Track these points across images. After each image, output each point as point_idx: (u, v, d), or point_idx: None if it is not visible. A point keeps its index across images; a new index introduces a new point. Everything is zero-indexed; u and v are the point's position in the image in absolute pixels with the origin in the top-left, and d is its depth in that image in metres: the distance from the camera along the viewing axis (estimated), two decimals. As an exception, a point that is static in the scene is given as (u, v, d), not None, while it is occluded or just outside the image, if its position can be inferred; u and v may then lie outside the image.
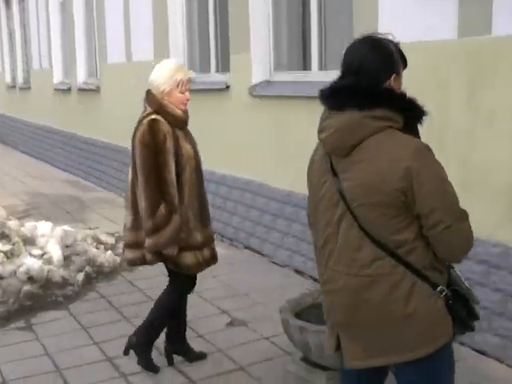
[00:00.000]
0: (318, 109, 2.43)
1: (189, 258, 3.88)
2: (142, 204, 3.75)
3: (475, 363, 4.05)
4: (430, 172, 2.25)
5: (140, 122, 3.83)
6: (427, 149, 2.27)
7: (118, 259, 6.31)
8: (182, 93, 3.87)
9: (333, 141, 2.31)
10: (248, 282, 5.54)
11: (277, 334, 4.37)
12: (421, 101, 3.74)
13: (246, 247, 6.59)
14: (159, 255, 3.82)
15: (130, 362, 4.14)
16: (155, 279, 5.78)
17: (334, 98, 2.33)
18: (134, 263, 4.07)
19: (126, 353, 4.08)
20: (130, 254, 3.96)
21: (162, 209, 3.71)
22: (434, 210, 2.22)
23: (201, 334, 4.59)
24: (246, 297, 5.23)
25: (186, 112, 3.96)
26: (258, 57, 6.39)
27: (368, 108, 2.23)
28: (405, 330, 2.32)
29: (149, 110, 3.85)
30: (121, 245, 6.87)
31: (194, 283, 4.09)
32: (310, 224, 2.65)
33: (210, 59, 7.57)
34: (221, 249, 6.59)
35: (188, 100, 3.92)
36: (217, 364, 4.18)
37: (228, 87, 6.77)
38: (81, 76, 11.50)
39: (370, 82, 2.27)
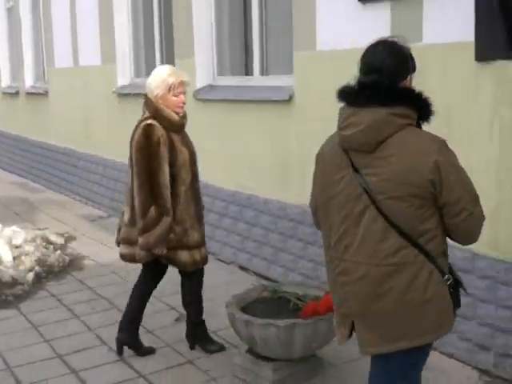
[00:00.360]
0: (259, 112, 2.45)
1: (184, 256, 3.93)
2: (136, 205, 3.77)
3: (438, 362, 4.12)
4: (453, 164, 2.34)
5: (137, 125, 3.84)
6: (446, 143, 2.37)
7: (67, 259, 6.22)
8: (176, 96, 3.85)
9: (361, 136, 2.34)
10: None
11: (223, 328, 4.37)
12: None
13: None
14: (151, 253, 3.84)
15: (81, 359, 4.10)
16: (105, 277, 5.73)
17: (358, 95, 2.37)
18: (125, 259, 4.05)
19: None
20: (123, 250, 3.99)
21: (153, 211, 3.73)
22: (460, 198, 2.31)
23: (150, 330, 4.54)
24: (193, 293, 5.20)
25: (183, 116, 3.97)
26: (201, 62, 6.38)
27: (391, 106, 2.30)
28: (421, 317, 2.37)
29: (147, 114, 3.86)
30: (71, 244, 6.80)
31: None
32: (316, 220, 2.71)
33: (156, 64, 7.51)
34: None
35: (184, 103, 3.91)
36: (165, 358, 4.16)
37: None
38: (28, 80, 11.27)
39: (391, 81, 2.34)
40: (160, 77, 3.85)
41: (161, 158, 3.75)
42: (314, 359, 3.84)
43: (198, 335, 4.20)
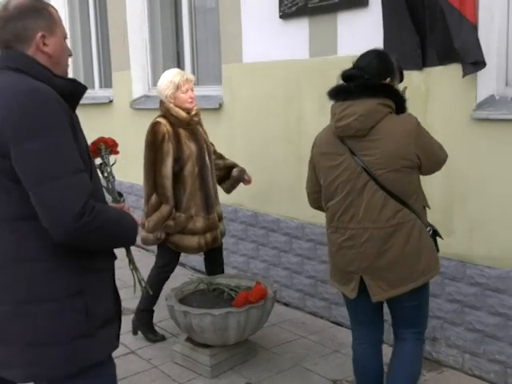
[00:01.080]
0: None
1: (187, 240, 3.98)
2: (144, 193, 3.99)
3: (334, 333, 4.22)
4: (425, 134, 2.68)
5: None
6: (417, 119, 2.68)
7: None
8: (184, 93, 3.91)
9: (357, 124, 2.59)
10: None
11: (164, 319, 4.35)
12: (283, 111, 3.86)
13: (137, 245, 6.48)
14: (157, 237, 3.97)
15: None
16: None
17: (351, 91, 2.63)
18: (141, 242, 4.04)
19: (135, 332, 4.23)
20: (141, 233, 3.96)
21: (153, 198, 3.87)
22: (437, 154, 2.72)
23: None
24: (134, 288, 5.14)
25: (196, 113, 4.00)
26: (137, 74, 6.34)
27: (377, 97, 2.59)
28: (418, 263, 2.66)
29: (159, 113, 3.97)
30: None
31: (177, 261, 4.20)
32: (311, 200, 3.00)
33: (94, 76, 7.41)
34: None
35: (192, 98, 3.95)
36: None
37: (111, 101, 6.66)
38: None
39: (373, 78, 2.64)
40: (167, 79, 3.94)
41: (164, 152, 3.83)
42: (247, 344, 3.87)
43: (143, 322, 4.20)
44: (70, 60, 2.17)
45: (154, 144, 3.86)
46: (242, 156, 4.67)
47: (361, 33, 3.87)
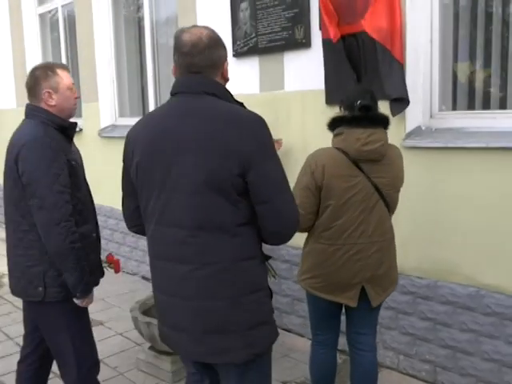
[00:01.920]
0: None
1: None
2: None
3: (284, 339, 4.22)
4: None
5: None
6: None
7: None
8: None
9: (382, 149, 2.64)
10: (104, 289, 5.22)
11: (129, 329, 4.29)
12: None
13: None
14: None
15: (1, 365, 3.89)
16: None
17: (370, 118, 2.65)
18: None
19: None
20: None
21: None
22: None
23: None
24: (102, 301, 5.05)
25: None
26: (104, 106, 6.29)
27: (386, 127, 2.71)
28: (396, 268, 2.85)
29: None
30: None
31: None
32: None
33: (65, 107, 7.32)
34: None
35: None
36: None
37: (81, 130, 6.59)
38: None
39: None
40: None
41: None
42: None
43: None
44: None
45: None
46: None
47: (305, 70, 3.94)
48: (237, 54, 4.42)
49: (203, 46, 1.96)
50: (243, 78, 4.42)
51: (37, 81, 2.59)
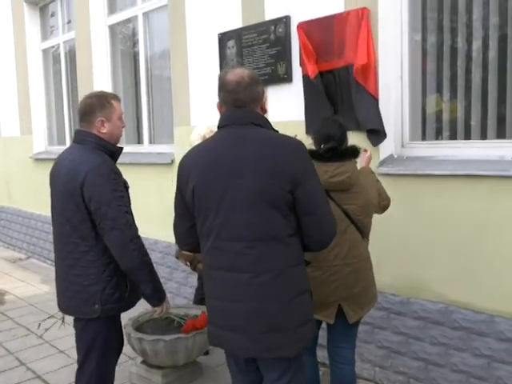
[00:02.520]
0: (148, 172, 2.49)
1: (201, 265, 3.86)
2: None
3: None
4: None
5: None
6: None
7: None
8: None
9: (350, 180, 2.67)
10: None
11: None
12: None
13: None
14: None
15: (2, 379, 3.84)
16: (23, 309, 5.42)
17: (338, 154, 2.69)
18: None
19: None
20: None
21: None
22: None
23: (61, 350, 4.35)
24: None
25: None
26: (102, 134, 6.30)
27: (354, 158, 2.74)
28: (374, 287, 2.86)
29: None
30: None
31: None
32: None
33: (66, 136, 7.35)
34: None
35: None
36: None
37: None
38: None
39: (346, 143, 2.75)
40: (196, 133, 3.93)
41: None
42: (194, 364, 3.83)
43: None
44: (41, 120, 2.28)
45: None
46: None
47: (287, 103, 4.00)
48: (224, 88, 4.47)
49: (246, 84, 2.12)
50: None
51: (92, 109, 2.60)
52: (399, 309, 3.48)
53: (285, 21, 3.90)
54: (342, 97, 3.60)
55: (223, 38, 4.43)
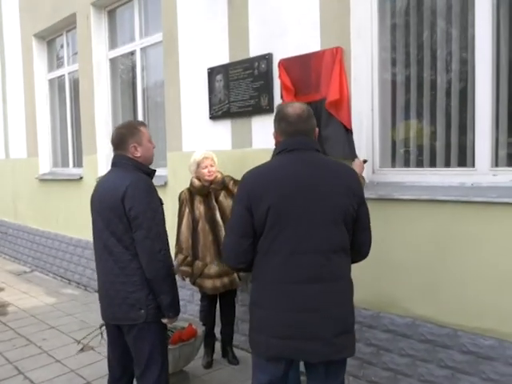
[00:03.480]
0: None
1: (206, 283, 3.84)
2: None
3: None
4: None
5: None
6: None
7: (-5, 307, 5.74)
8: (204, 168, 3.84)
9: None
10: (98, 317, 5.20)
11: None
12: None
13: (96, 291, 6.27)
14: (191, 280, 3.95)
15: (2, 387, 3.76)
16: (24, 320, 5.34)
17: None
18: None
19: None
20: None
21: (175, 248, 3.88)
22: None
23: (58, 360, 4.26)
24: (94, 328, 4.94)
25: (211, 183, 3.87)
26: (102, 157, 6.29)
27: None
28: None
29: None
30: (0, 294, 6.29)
31: (213, 301, 4.06)
32: None
33: (69, 158, 7.32)
34: (77, 293, 6.25)
35: (211, 172, 3.86)
36: (69, 381, 3.88)
37: (81, 178, 6.57)
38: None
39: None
40: (193, 159, 3.91)
41: (182, 214, 3.89)
42: (182, 373, 3.76)
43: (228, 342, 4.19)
44: (46, 142, 2.24)
45: (179, 208, 3.92)
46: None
47: (269, 132, 3.93)
48: (213, 117, 4.48)
49: (306, 117, 2.25)
50: (218, 137, 4.48)
51: (124, 138, 2.69)
52: (370, 322, 3.45)
53: (267, 58, 3.93)
54: (319, 128, 3.59)
55: (212, 72, 4.44)
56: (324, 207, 2.13)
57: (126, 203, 2.53)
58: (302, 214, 2.11)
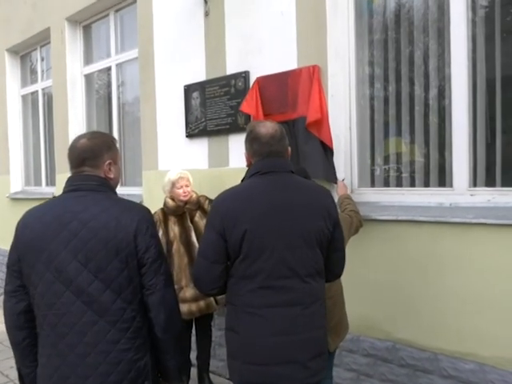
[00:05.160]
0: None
1: (182, 307, 3.59)
2: None
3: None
4: None
5: None
6: None
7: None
8: (179, 188, 3.77)
9: None
10: None
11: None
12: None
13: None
14: None
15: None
16: None
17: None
18: None
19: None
20: None
21: None
22: None
23: None
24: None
25: (189, 202, 3.80)
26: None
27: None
28: None
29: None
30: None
31: (189, 326, 3.97)
32: None
33: (42, 176, 7.26)
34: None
35: (186, 192, 3.78)
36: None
37: (55, 197, 6.49)
38: None
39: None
40: (167, 178, 3.84)
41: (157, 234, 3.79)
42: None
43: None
44: (22, 162, 2.20)
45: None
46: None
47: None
48: (189, 135, 4.50)
49: (279, 137, 2.23)
50: (195, 156, 4.49)
51: (99, 152, 2.07)
52: (350, 346, 3.45)
53: (244, 75, 3.97)
54: (297, 146, 3.63)
55: (188, 90, 4.47)
56: (300, 230, 2.13)
57: (139, 242, 1.97)
58: (278, 238, 2.11)
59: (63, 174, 6.32)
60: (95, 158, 2.06)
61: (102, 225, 1.94)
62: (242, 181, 2.43)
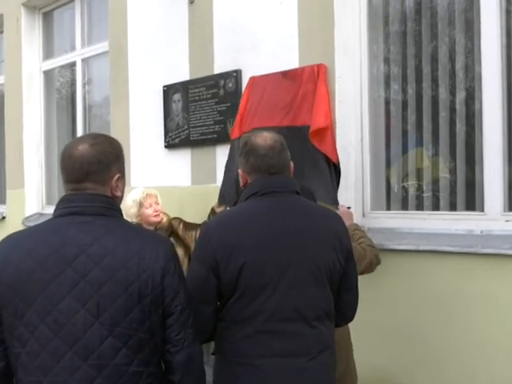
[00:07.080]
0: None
1: None
2: None
3: None
4: None
5: None
6: None
7: None
8: (148, 208, 3.72)
9: None
10: None
11: None
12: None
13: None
14: None
15: None
16: None
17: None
18: None
19: None
20: None
21: None
22: None
23: None
24: None
25: (159, 228, 3.75)
26: (31, 192, 6.28)
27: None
28: None
29: None
30: None
31: None
32: None
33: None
34: None
35: (157, 211, 3.74)
36: None
37: (4, 218, 6.50)
38: None
39: None
40: (130, 200, 3.73)
41: None
42: None
43: None
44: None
45: None
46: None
47: (237, 164, 4.04)
48: (169, 146, 4.53)
49: (279, 149, 2.18)
50: (175, 170, 4.51)
51: (108, 162, 1.87)
52: None
53: (235, 75, 4.01)
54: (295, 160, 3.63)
55: (168, 91, 4.51)
56: (307, 264, 2.08)
57: (167, 285, 1.82)
58: (282, 274, 2.06)
59: (15, 190, 6.33)
60: (102, 172, 1.86)
61: (122, 263, 1.75)
62: (234, 204, 2.38)
